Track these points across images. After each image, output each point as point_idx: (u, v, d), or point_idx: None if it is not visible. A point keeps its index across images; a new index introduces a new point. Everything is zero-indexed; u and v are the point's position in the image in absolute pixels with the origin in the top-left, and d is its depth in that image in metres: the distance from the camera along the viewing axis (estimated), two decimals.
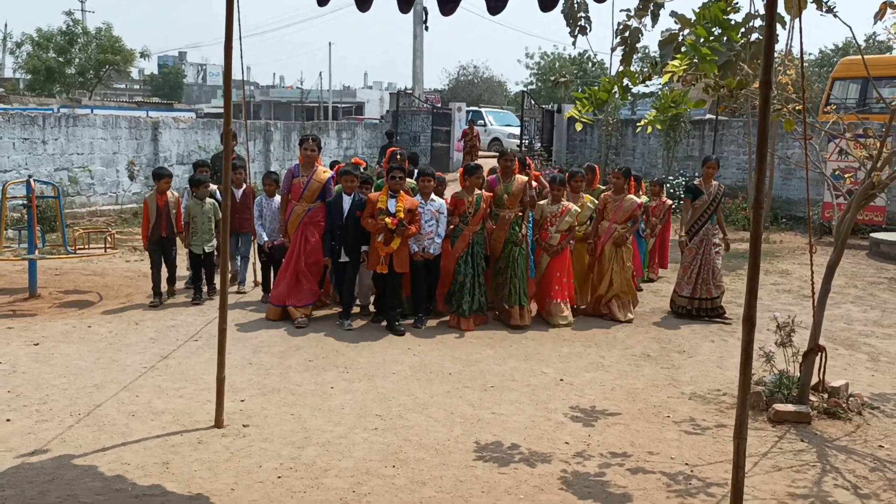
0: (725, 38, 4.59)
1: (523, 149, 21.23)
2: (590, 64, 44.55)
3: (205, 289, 8.86)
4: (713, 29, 4.52)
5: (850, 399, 5.86)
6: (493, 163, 13.77)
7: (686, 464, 4.91)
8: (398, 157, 8.73)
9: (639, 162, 19.65)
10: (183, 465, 4.69)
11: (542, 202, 8.44)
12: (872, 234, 13.44)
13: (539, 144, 21.77)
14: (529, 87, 43.93)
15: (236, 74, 6.74)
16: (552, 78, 30.87)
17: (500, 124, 29.16)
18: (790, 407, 5.64)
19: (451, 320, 7.98)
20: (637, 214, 8.60)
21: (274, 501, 4.27)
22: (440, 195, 8.29)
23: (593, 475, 4.72)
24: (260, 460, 4.79)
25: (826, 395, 5.87)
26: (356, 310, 8.36)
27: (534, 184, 8.68)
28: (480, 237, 8.06)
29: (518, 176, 8.30)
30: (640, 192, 9.83)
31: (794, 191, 16.55)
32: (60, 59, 38.42)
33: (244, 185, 9.33)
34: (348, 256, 7.87)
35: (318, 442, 5.08)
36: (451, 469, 4.72)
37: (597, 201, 8.71)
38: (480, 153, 23.42)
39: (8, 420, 5.31)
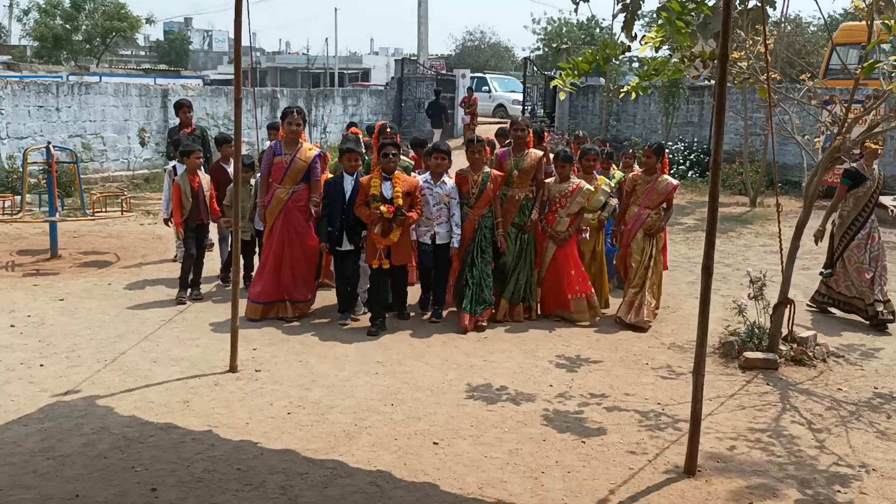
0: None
1: (525, 115, 21.48)
2: (598, 30, 44.48)
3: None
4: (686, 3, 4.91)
5: (816, 348, 6.32)
6: (492, 130, 14.08)
7: (658, 403, 5.39)
8: (388, 129, 7.77)
9: (639, 128, 19.95)
10: (202, 404, 5.20)
11: (548, 181, 7.33)
12: None
13: (542, 111, 22.04)
14: (536, 52, 43.94)
15: (244, 40, 6.42)
16: (554, 45, 30.96)
17: (505, 90, 29.36)
18: (759, 354, 6.11)
19: (461, 319, 6.93)
20: (672, 198, 7.27)
21: (284, 433, 4.77)
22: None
23: (573, 412, 5.20)
24: (271, 399, 5.29)
25: (795, 345, 6.33)
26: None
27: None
28: (489, 221, 7.06)
29: (532, 150, 7.25)
30: (610, 168, 8.18)
31: (791, 156, 16.83)
32: (67, 26, 38.67)
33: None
34: (352, 244, 6.99)
35: (323, 384, 5.58)
36: (443, 407, 5.22)
37: (612, 184, 7.68)
38: (483, 119, 23.72)
39: (41, 365, 5.82)
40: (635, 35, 5.42)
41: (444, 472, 4.31)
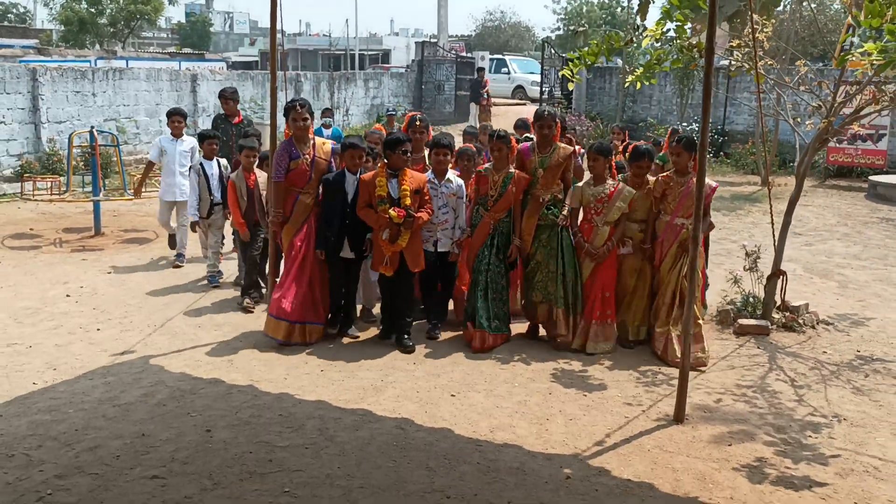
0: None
1: (543, 97, 21.87)
2: (619, 9, 44.51)
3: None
4: None
5: (807, 315, 6.81)
6: (510, 112, 14.44)
7: (656, 364, 5.93)
8: (418, 122, 7.01)
9: (655, 109, 20.32)
10: (244, 362, 5.81)
11: (580, 183, 6.36)
12: (871, 178, 14.13)
13: (559, 93, 22.42)
14: (556, 32, 44.12)
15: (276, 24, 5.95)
16: (571, 27, 31.20)
17: (524, 72, 29.71)
18: (752, 321, 6.61)
19: (465, 334, 6.29)
20: (710, 203, 6.19)
21: (319, 386, 5.37)
22: (468, 172, 6.56)
23: (577, 371, 5.76)
24: (305, 359, 5.89)
25: (787, 313, 6.81)
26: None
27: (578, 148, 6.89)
28: (507, 227, 6.25)
29: (560, 145, 6.31)
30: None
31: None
32: (92, 10, 39.42)
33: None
34: (353, 252, 6.24)
35: (351, 347, 6.18)
36: (460, 366, 5.80)
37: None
38: (502, 101, 24.14)
39: (98, 329, 6.46)
40: (637, 26, 5.93)
41: (460, 418, 4.89)
